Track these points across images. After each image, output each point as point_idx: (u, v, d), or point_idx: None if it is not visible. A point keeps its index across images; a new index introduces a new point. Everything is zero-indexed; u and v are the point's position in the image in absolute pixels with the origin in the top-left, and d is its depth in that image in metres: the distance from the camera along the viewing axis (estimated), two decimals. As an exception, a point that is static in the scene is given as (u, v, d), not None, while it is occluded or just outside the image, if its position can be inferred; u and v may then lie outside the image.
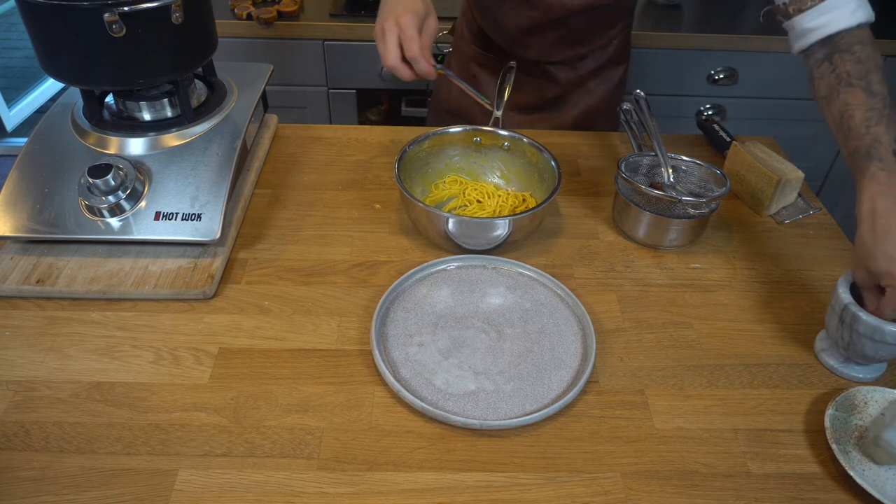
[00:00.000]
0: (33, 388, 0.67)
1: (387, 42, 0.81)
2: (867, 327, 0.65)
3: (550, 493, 0.60)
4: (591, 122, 1.19)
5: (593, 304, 0.79)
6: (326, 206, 0.94)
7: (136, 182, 0.80)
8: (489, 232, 0.82)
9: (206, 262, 0.80)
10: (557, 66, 1.14)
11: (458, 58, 1.21)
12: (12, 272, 0.78)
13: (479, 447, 0.64)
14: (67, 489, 0.59)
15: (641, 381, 0.71)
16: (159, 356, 0.71)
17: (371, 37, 1.57)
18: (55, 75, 0.82)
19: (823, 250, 0.90)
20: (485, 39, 1.16)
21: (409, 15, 0.80)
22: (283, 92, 1.68)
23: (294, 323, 0.76)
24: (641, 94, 0.93)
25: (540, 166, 0.92)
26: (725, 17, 1.69)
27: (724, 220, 0.94)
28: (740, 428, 0.66)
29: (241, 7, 1.58)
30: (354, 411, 0.66)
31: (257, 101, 0.95)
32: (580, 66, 1.14)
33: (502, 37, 1.11)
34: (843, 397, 0.67)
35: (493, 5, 1.09)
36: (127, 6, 0.74)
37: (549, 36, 1.07)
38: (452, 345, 0.73)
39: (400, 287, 0.79)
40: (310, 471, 0.61)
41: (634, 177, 0.90)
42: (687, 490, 0.61)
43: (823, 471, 0.63)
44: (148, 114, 0.87)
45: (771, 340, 0.76)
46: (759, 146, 0.97)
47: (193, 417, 0.65)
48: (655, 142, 0.90)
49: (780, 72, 1.66)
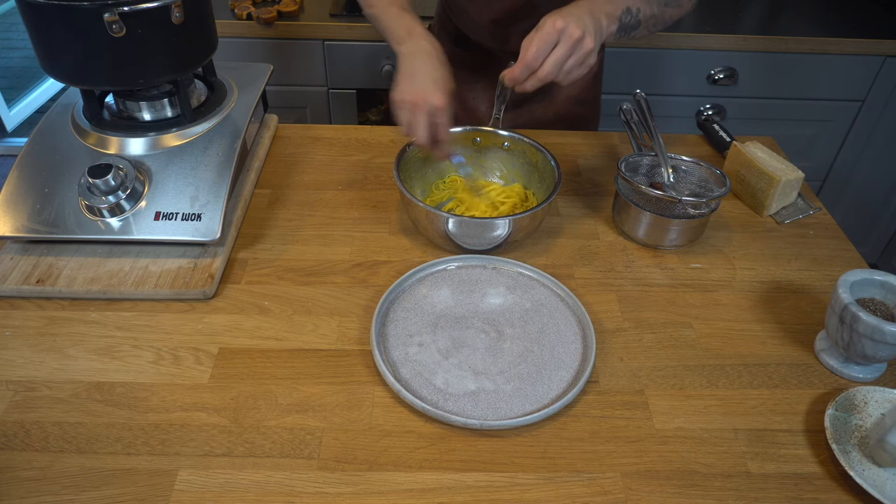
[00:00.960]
0: (33, 388, 0.67)
1: (417, 119, 0.80)
2: (867, 327, 0.65)
3: (550, 493, 0.60)
4: (575, 112, 1.20)
5: (593, 304, 0.79)
6: (326, 206, 0.94)
7: (136, 182, 0.80)
8: (489, 232, 0.82)
9: (206, 262, 0.80)
10: None
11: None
12: (12, 272, 0.78)
13: (479, 447, 0.64)
14: (67, 489, 0.59)
15: (641, 381, 0.71)
16: (159, 356, 0.71)
17: (371, 37, 1.59)
18: (55, 75, 0.82)
19: (823, 250, 0.90)
20: (462, 38, 1.16)
21: (445, 98, 0.80)
22: (283, 92, 1.68)
23: (294, 323, 0.76)
24: (642, 94, 0.93)
25: (540, 166, 0.92)
26: (725, 17, 1.69)
27: (724, 220, 0.94)
28: (740, 428, 0.66)
29: (241, 7, 1.58)
30: (354, 411, 0.66)
31: (257, 101, 0.95)
32: None
33: (479, 33, 1.11)
34: (843, 397, 0.67)
35: (464, 3, 1.09)
36: (127, 6, 0.74)
37: (524, 25, 1.07)
38: (452, 345, 0.73)
39: (400, 287, 0.79)
40: (310, 471, 0.61)
41: (634, 177, 0.90)
42: (687, 490, 0.61)
43: (823, 471, 0.63)
44: (148, 114, 0.87)
45: (771, 340, 0.76)
46: (759, 146, 0.97)
47: (193, 417, 0.65)
48: (655, 142, 0.90)
49: (780, 72, 1.66)
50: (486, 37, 1.11)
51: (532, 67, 0.76)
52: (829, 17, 1.72)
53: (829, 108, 1.73)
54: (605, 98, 1.27)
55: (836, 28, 1.64)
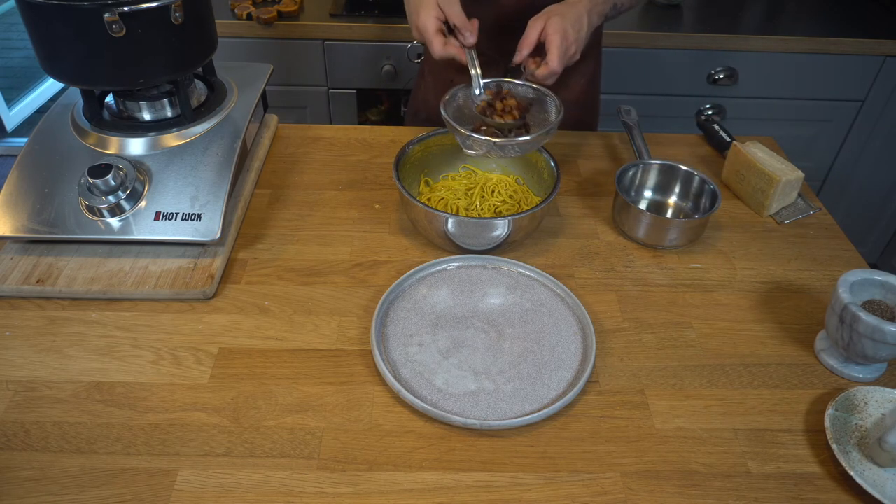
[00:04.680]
0: (33, 388, 0.67)
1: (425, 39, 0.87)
2: (867, 327, 0.65)
3: (550, 493, 0.60)
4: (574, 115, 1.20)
5: (593, 304, 0.79)
6: (326, 206, 0.94)
7: (136, 182, 0.80)
8: (489, 232, 0.82)
9: (206, 262, 0.80)
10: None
11: (431, 67, 1.21)
12: (12, 272, 0.78)
13: (479, 447, 0.64)
14: (67, 489, 0.59)
15: (641, 381, 0.71)
16: (159, 356, 0.71)
17: (371, 37, 1.59)
18: (55, 75, 0.82)
19: (823, 250, 0.90)
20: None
21: (423, 16, 0.85)
22: (283, 92, 1.68)
23: (294, 323, 0.76)
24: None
25: (540, 166, 0.92)
26: (725, 17, 1.69)
27: (724, 221, 0.94)
28: (740, 428, 0.66)
29: (241, 7, 1.58)
30: (354, 411, 0.66)
31: (257, 101, 0.95)
32: None
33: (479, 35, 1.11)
34: (843, 397, 0.67)
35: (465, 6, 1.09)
36: (127, 6, 0.74)
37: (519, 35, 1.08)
38: (452, 345, 0.73)
39: (400, 287, 0.79)
40: (310, 471, 0.61)
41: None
42: (687, 490, 0.61)
43: (823, 471, 0.63)
44: (148, 114, 0.87)
45: (771, 340, 0.76)
46: (759, 146, 0.97)
47: (193, 417, 0.65)
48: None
49: (780, 72, 1.66)
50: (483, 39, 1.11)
51: (558, 75, 0.85)
52: (829, 17, 1.72)
53: (829, 108, 1.73)
54: (604, 98, 1.27)
55: (836, 28, 1.64)
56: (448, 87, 1.19)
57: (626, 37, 1.58)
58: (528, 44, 0.84)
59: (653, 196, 0.95)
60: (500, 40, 1.10)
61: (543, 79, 0.85)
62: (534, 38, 0.84)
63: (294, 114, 1.75)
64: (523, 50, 0.85)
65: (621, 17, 1.17)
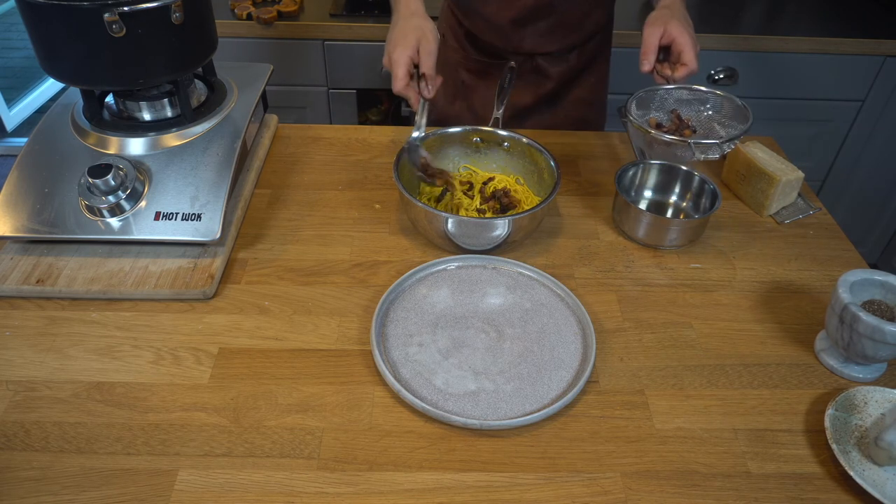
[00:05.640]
0: (33, 388, 0.67)
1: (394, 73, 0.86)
2: (867, 327, 0.65)
3: (550, 493, 0.60)
4: (583, 113, 1.20)
5: (593, 304, 0.79)
6: (326, 206, 0.94)
7: (136, 182, 0.80)
8: (489, 232, 0.82)
9: (206, 262, 0.80)
10: (550, 61, 1.14)
11: (442, 66, 1.21)
12: (12, 272, 0.78)
13: (479, 447, 0.64)
14: (67, 489, 0.59)
15: (641, 381, 0.71)
16: (159, 356, 0.71)
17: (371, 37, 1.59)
18: (55, 75, 0.82)
19: (823, 250, 0.90)
20: (473, 42, 1.16)
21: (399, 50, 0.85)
22: (283, 92, 1.68)
23: (294, 323, 0.76)
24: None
25: (540, 166, 0.92)
26: (725, 17, 1.69)
27: (724, 220, 0.94)
28: (740, 428, 0.66)
29: (241, 7, 1.58)
30: (354, 411, 0.66)
31: (257, 101, 0.95)
32: (571, 58, 1.15)
33: (494, 34, 1.12)
34: (843, 397, 0.67)
35: (478, 5, 1.09)
36: (127, 6, 0.74)
37: (540, 25, 1.08)
38: (452, 345, 0.73)
39: (400, 287, 0.79)
40: (310, 471, 0.61)
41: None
42: (687, 490, 0.61)
43: (823, 471, 0.63)
44: (148, 114, 0.87)
45: (771, 340, 0.76)
46: (759, 146, 0.97)
47: (193, 417, 0.65)
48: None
49: (780, 72, 1.66)
50: (501, 39, 1.12)
51: (697, 72, 0.88)
52: (828, 17, 1.72)
53: (829, 108, 1.73)
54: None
55: (835, 28, 1.64)
56: (453, 87, 1.20)
57: (627, 37, 1.58)
58: (653, 50, 0.87)
59: (653, 196, 0.95)
60: (512, 36, 1.10)
61: (683, 79, 0.88)
62: (655, 44, 0.87)
63: (294, 114, 1.75)
64: (650, 56, 0.88)
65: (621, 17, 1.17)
